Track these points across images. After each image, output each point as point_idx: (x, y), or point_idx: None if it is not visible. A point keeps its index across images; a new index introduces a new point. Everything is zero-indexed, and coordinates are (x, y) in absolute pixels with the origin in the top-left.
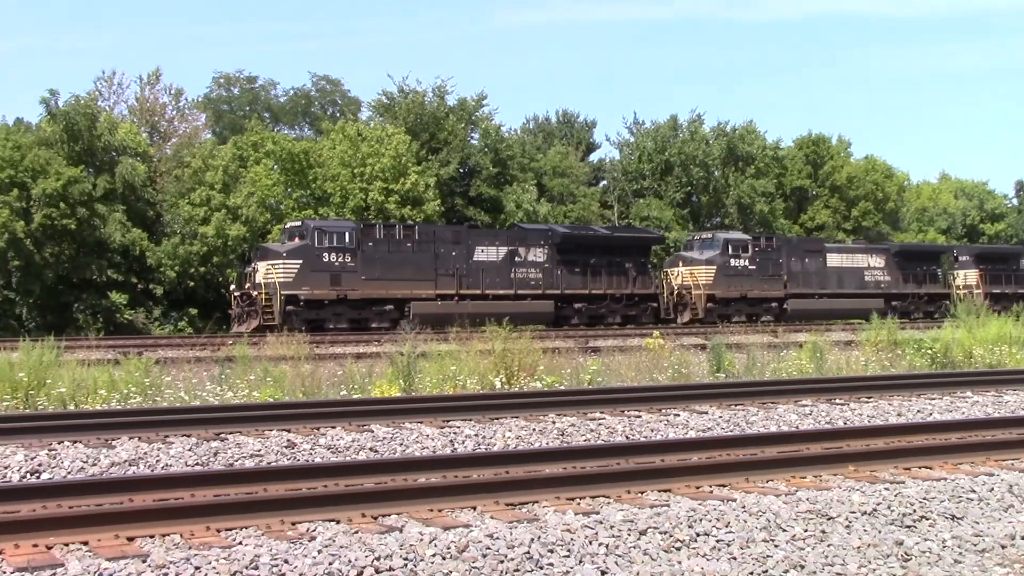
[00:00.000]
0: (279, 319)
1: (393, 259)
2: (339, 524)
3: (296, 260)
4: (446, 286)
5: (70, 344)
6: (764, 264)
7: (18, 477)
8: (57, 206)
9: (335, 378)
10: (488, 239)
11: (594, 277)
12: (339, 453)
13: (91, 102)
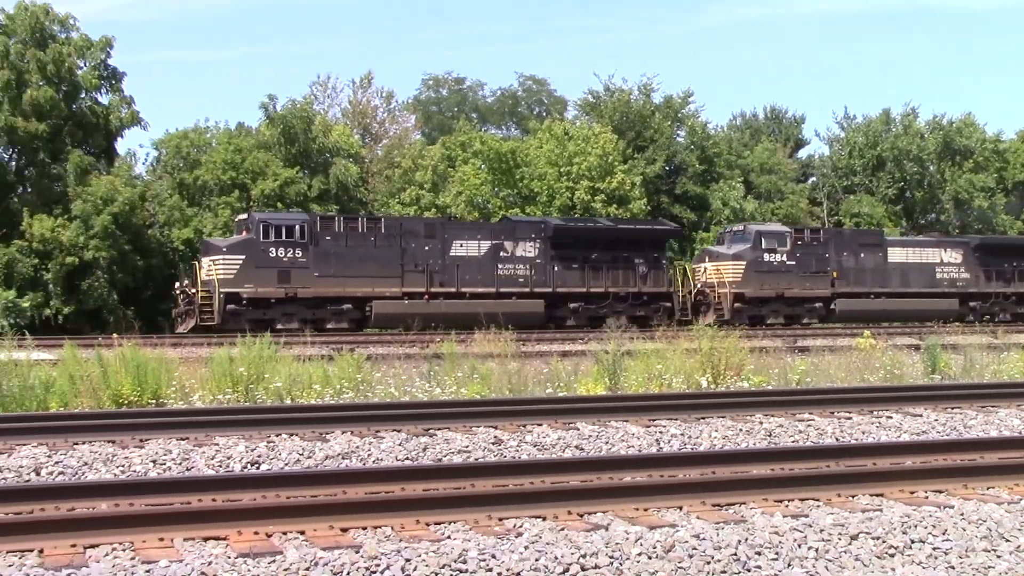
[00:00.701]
0: (218, 319)
1: (352, 254)
2: (545, 521)
3: (238, 256)
4: (415, 283)
5: (288, 340)
6: (806, 260)
7: (239, 467)
8: (274, 206)
9: (541, 376)
10: (469, 233)
11: (595, 274)
12: (545, 450)
13: (307, 106)
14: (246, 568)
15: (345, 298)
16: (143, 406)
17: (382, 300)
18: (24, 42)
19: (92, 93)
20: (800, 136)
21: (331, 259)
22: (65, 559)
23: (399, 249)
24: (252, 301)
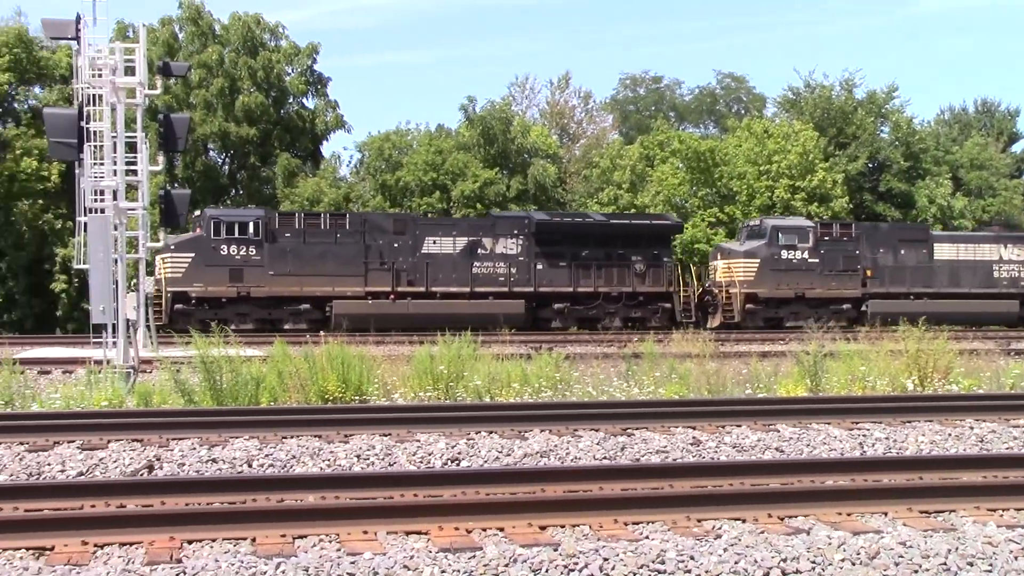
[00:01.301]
0: (165, 319)
1: (310, 252)
2: (745, 523)
3: (187, 254)
4: (379, 282)
5: (485, 339)
6: (832, 256)
7: (440, 464)
8: (474, 207)
9: (740, 376)
10: (442, 229)
11: (586, 272)
12: (744, 452)
13: (505, 107)
14: (447, 563)
15: (303, 298)
16: (347, 402)
17: (343, 300)
18: (237, 51)
19: (299, 98)
20: (1015, 130)
21: (288, 257)
22: (276, 548)
23: (362, 246)
24: (202, 300)
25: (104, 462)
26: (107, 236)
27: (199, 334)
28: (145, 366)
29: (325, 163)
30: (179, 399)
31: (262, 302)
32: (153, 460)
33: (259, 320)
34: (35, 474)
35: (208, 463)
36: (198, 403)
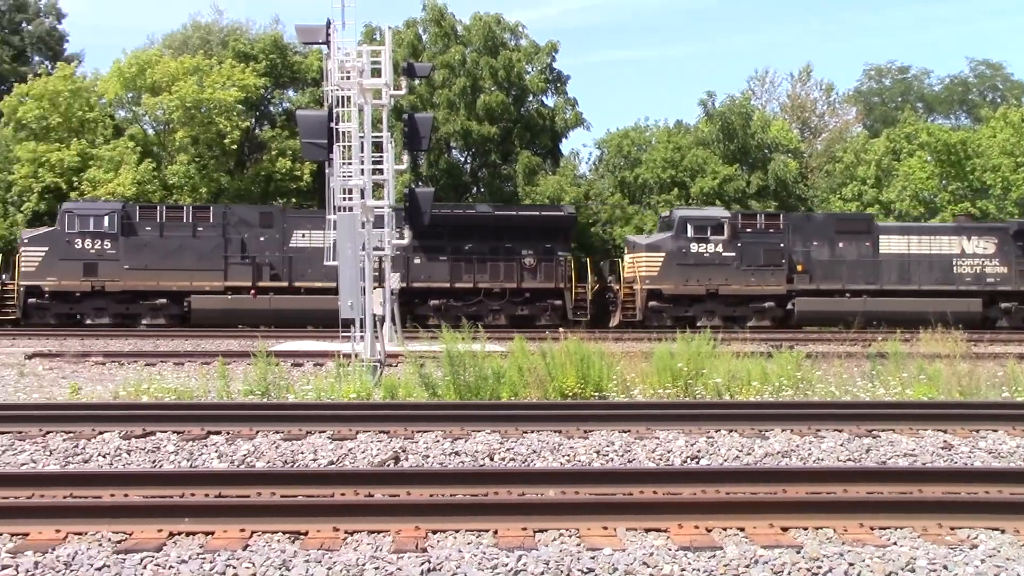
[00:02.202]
0: (19, 313)
1: (167, 246)
2: (1004, 534)
3: (40, 247)
4: (240, 277)
5: (725, 336)
6: (752, 250)
7: (679, 461)
8: (712, 203)
9: (995, 379)
10: (312, 222)
11: (467, 267)
12: (1000, 458)
13: (745, 101)
14: (686, 561)
15: (160, 292)
16: (586, 398)
17: (202, 295)
18: (478, 51)
19: (539, 96)
20: None
21: (144, 251)
22: (517, 541)
23: (222, 240)
24: (55, 295)
25: (353, 452)
26: (355, 233)
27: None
28: (391, 360)
29: (565, 161)
30: (423, 392)
31: (117, 296)
32: (399, 451)
33: (116, 315)
34: (289, 462)
35: (451, 455)
36: (441, 397)
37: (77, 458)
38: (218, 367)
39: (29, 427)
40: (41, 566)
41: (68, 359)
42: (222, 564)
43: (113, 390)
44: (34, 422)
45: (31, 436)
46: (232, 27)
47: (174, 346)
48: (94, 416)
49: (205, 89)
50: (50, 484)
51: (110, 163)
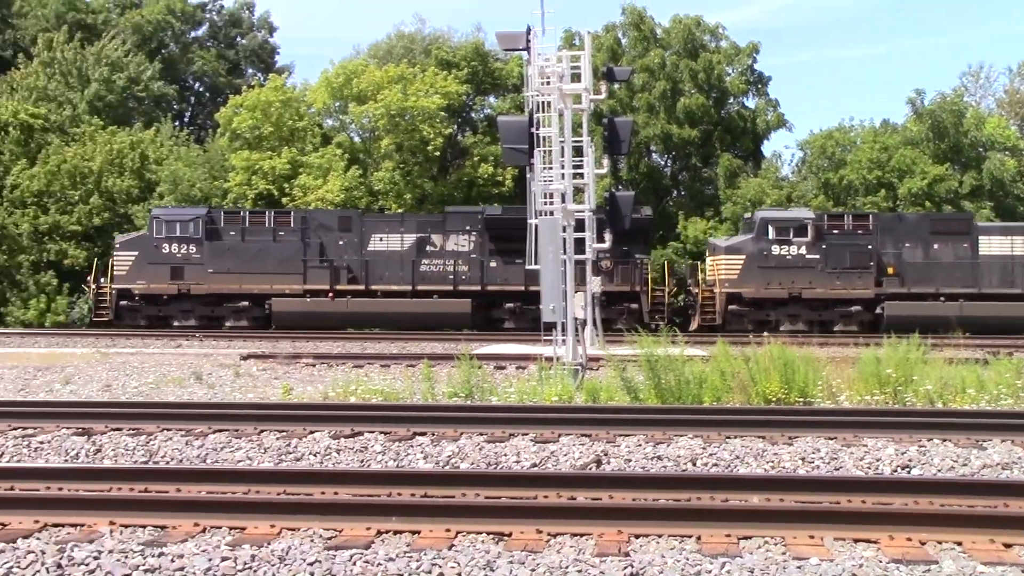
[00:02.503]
0: (112, 315)
1: (249, 250)
2: None
3: (131, 252)
4: (318, 280)
5: (935, 342)
6: (837, 252)
7: (889, 470)
8: (922, 204)
9: None
10: (390, 225)
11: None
12: None
13: (957, 99)
14: (898, 574)
15: (242, 295)
16: (790, 404)
17: (281, 298)
18: (678, 53)
19: (739, 98)
20: None
21: (227, 255)
22: (721, 547)
23: (301, 244)
24: (144, 297)
25: (555, 455)
26: (557, 237)
27: None
28: (592, 363)
29: (766, 163)
30: (625, 396)
31: (203, 299)
32: (601, 455)
33: (201, 317)
34: (493, 463)
35: (653, 460)
36: (643, 401)
37: (290, 456)
38: (423, 369)
39: (245, 426)
40: (257, 559)
41: (280, 360)
42: (428, 563)
43: (323, 391)
44: (249, 421)
45: (247, 434)
46: (434, 36)
47: (380, 349)
48: (305, 416)
49: (409, 97)
50: (265, 481)
51: (319, 170)
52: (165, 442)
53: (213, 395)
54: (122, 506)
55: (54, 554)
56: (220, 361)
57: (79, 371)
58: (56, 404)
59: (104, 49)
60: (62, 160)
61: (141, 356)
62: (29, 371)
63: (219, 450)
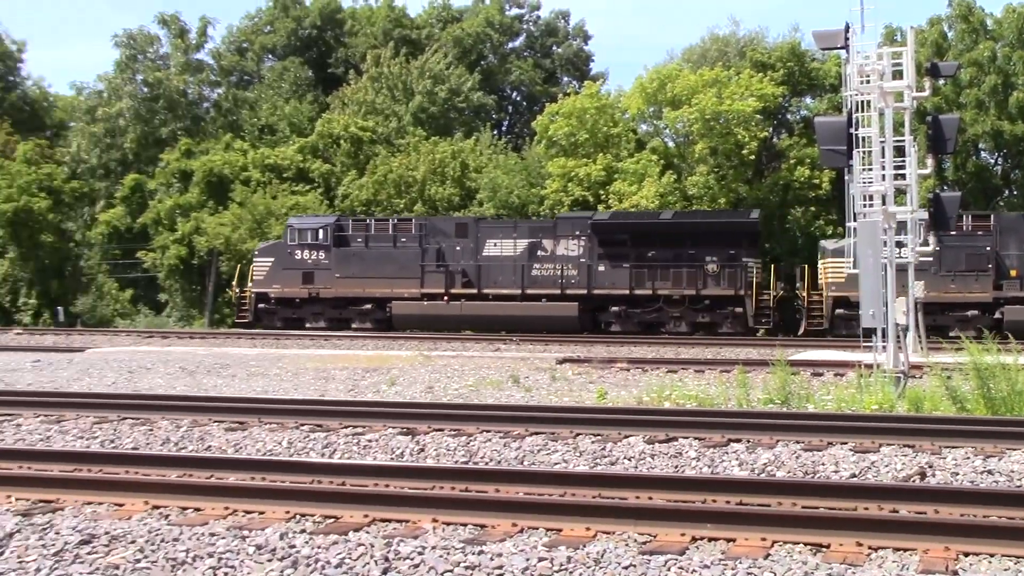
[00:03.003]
0: (251, 317)
1: (371, 255)
2: None
3: (268, 258)
4: (434, 284)
5: None
6: (953, 254)
7: None
8: None
9: None
10: (503, 231)
11: (651, 273)
12: None
13: None
14: None
15: (366, 298)
16: None
17: (401, 301)
18: (1011, 45)
19: None
20: None
21: (352, 260)
22: None
23: (419, 250)
24: (279, 300)
25: (875, 465)
26: (876, 241)
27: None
28: (915, 371)
29: None
30: (950, 406)
31: (331, 302)
32: (925, 467)
33: (331, 319)
34: (810, 472)
35: (983, 474)
36: (971, 411)
37: (604, 460)
38: (738, 375)
39: (561, 429)
40: (573, 561)
41: (595, 365)
42: (744, 571)
43: (637, 395)
44: (565, 424)
45: (563, 437)
46: (749, 37)
47: (694, 354)
48: (620, 420)
49: (723, 101)
50: (580, 484)
51: (634, 176)
52: (484, 443)
53: (530, 398)
54: (444, 504)
55: (382, 548)
56: (536, 365)
57: (403, 373)
58: (382, 404)
59: (427, 63)
60: (388, 170)
61: (461, 359)
62: (358, 372)
63: (536, 452)
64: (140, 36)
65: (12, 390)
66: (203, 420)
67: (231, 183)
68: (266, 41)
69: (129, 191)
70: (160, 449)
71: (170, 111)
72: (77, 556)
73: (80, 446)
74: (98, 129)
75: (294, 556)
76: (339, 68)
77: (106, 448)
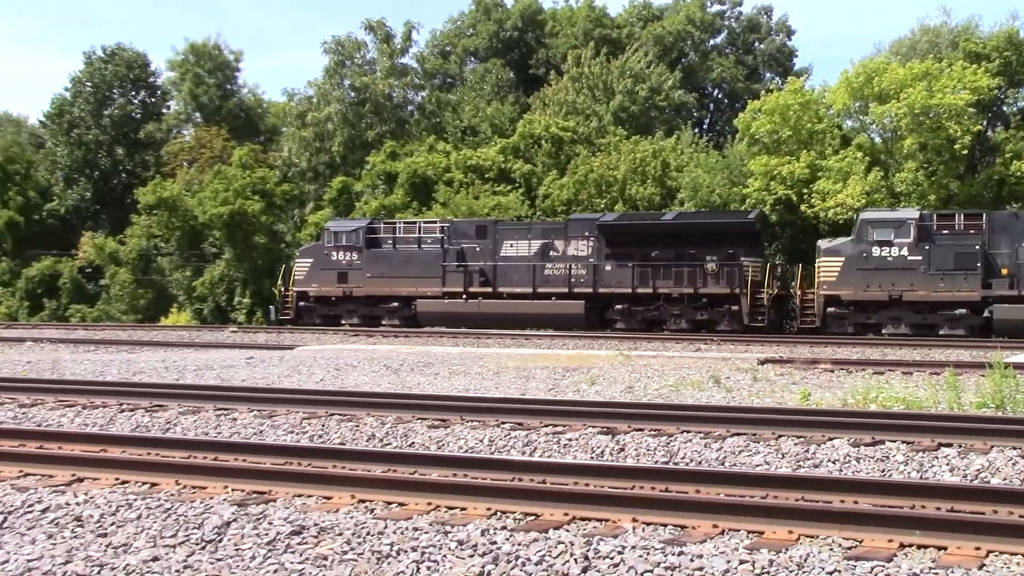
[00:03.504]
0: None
1: (398, 256)
2: None
3: (307, 259)
4: (455, 283)
5: None
6: (942, 253)
7: None
8: None
9: None
10: (519, 233)
11: (654, 272)
12: None
13: None
14: None
15: (393, 297)
16: None
17: (424, 299)
18: None
19: None
20: None
21: (381, 261)
22: None
23: (440, 251)
24: (318, 299)
25: None
26: None
27: None
28: None
29: None
30: None
31: (363, 300)
32: None
33: (363, 316)
34: None
35: None
36: None
37: (807, 462)
38: (948, 378)
39: (762, 430)
40: (775, 564)
41: (798, 366)
42: None
43: (841, 397)
44: (767, 425)
45: (764, 439)
46: (962, 27)
47: (901, 355)
48: (824, 422)
49: (934, 94)
50: (783, 486)
51: (838, 174)
52: (684, 443)
53: (731, 399)
54: (644, 504)
55: (581, 546)
56: (738, 365)
57: (603, 373)
58: (582, 404)
59: (628, 62)
60: (589, 170)
61: (661, 359)
62: (558, 372)
63: (737, 453)
64: (348, 42)
65: (228, 385)
66: (407, 417)
67: (434, 184)
68: (468, 44)
69: (336, 193)
70: (366, 445)
71: (376, 114)
72: (288, 546)
73: (290, 440)
74: (308, 133)
75: (495, 552)
76: (540, 69)
77: (315, 443)
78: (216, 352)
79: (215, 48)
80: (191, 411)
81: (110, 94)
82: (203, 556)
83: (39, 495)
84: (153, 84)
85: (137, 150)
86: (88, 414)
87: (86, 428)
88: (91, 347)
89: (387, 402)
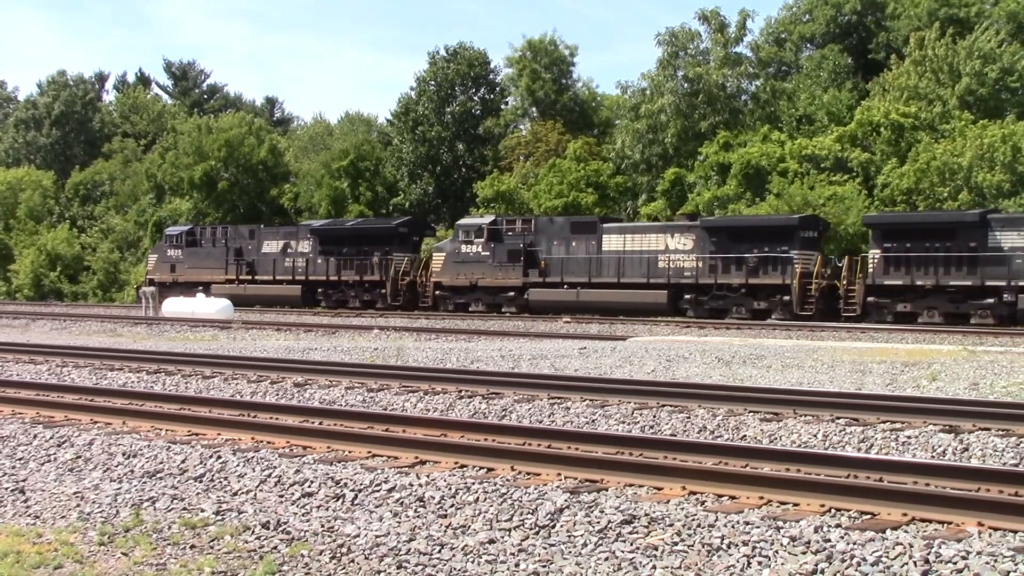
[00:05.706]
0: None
1: (201, 252)
2: None
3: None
4: (234, 273)
5: None
6: (500, 250)
7: None
8: None
9: None
10: (272, 235)
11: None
12: None
13: None
14: None
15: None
16: None
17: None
18: None
19: None
20: None
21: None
22: None
23: (225, 248)
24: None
25: None
26: None
27: None
28: None
29: None
30: None
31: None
32: None
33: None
34: None
35: None
36: None
37: None
38: None
39: None
40: None
41: None
42: None
43: None
44: None
45: None
46: None
47: None
48: None
49: None
50: None
51: None
52: None
53: None
54: (991, 508)
55: (921, 548)
56: None
57: (945, 368)
58: (922, 400)
59: (976, 42)
60: (931, 157)
61: (1010, 355)
62: (896, 366)
63: None
64: (681, 33)
65: (562, 375)
66: (738, 410)
67: (768, 175)
68: (804, 30)
69: (669, 184)
70: (697, 436)
71: (709, 105)
72: (619, 535)
73: (622, 430)
74: (641, 125)
75: (829, 550)
76: (879, 53)
77: (646, 433)
78: (550, 342)
79: (551, 44)
80: (526, 399)
81: (452, 92)
82: (537, 540)
83: (386, 475)
84: (492, 81)
85: (476, 145)
86: (430, 399)
87: (428, 413)
88: (432, 335)
89: (719, 394)
